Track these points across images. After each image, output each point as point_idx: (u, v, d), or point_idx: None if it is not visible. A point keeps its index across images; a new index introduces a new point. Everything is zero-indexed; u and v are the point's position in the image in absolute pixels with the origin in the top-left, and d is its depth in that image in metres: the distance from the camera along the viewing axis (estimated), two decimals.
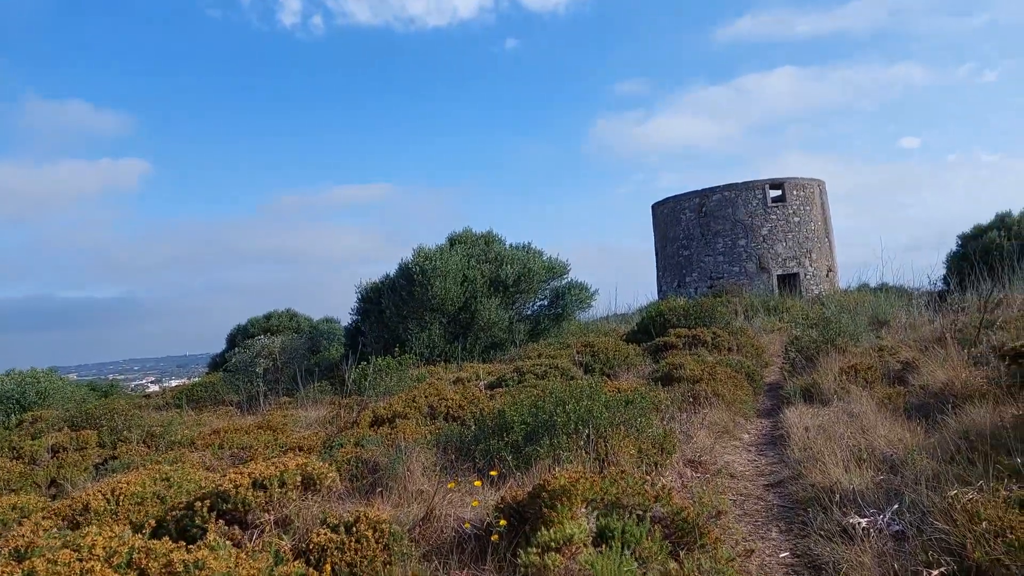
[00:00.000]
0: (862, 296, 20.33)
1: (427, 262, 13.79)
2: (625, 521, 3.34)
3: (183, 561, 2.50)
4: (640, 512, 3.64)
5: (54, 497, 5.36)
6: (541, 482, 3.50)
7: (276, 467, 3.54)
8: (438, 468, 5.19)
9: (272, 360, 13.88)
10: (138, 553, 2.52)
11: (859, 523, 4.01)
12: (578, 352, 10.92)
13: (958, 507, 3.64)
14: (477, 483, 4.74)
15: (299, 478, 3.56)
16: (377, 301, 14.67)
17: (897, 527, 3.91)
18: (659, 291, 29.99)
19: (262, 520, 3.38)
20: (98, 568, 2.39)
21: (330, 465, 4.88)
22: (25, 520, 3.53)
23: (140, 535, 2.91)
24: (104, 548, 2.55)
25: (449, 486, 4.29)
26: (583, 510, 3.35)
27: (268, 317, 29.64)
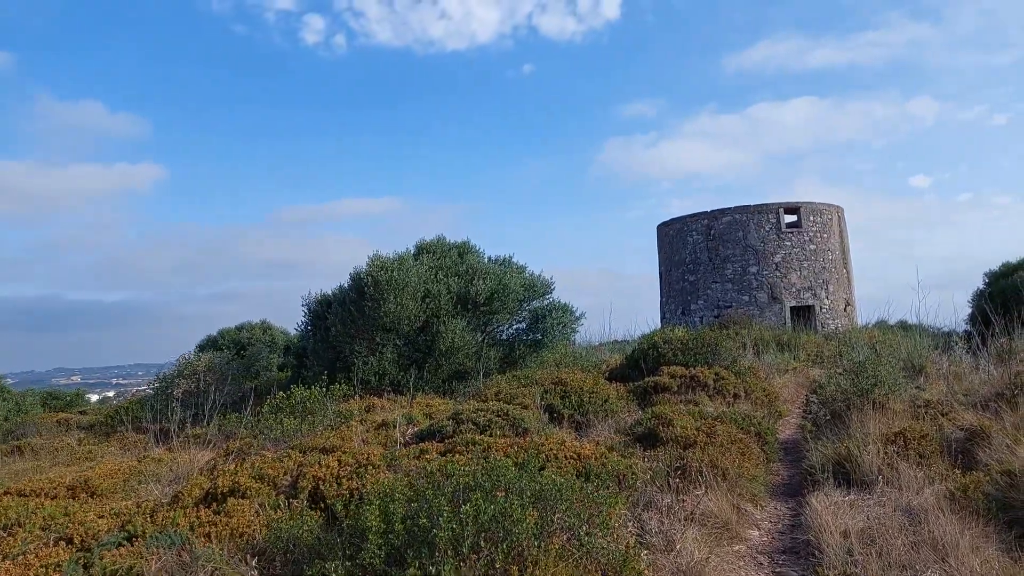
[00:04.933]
0: (886, 335, 18.02)
1: (382, 272, 11.66)
2: None
3: None
4: None
5: None
6: None
7: None
8: None
9: (196, 381, 11.74)
10: None
11: None
12: (546, 391, 8.75)
13: None
14: None
15: None
16: (324, 316, 12.55)
17: None
18: (662, 318, 27.74)
19: None
20: None
21: None
22: None
23: None
24: None
25: None
26: None
27: (240, 328, 27.55)
